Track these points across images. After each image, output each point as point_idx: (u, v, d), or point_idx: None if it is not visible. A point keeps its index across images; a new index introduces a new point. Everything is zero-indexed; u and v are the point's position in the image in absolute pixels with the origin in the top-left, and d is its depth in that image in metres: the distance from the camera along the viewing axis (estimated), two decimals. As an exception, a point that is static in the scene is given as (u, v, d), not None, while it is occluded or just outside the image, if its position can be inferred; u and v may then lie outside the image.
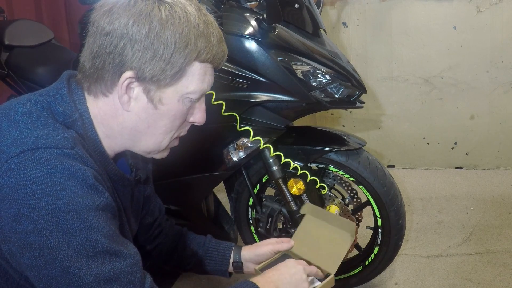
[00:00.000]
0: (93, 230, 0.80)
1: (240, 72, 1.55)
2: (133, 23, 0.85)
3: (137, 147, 0.96)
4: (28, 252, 0.79)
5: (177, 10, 0.87)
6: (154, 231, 1.26)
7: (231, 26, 1.54)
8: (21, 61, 2.06)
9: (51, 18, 2.88)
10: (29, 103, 0.88)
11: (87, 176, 0.81)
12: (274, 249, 1.22)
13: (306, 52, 1.56)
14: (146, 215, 1.22)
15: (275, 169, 1.67)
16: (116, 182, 0.97)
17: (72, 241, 0.79)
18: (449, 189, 2.75)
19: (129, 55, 0.86)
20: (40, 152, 0.79)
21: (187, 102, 0.93)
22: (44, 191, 0.77)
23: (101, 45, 0.87)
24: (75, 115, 0.89)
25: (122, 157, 1.05)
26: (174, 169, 1.68)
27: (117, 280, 0.82)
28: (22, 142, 0.80)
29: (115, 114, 0.92)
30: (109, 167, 0.95)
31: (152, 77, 0.87)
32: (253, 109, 1.61)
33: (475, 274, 1.98)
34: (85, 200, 0.80)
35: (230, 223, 1.93)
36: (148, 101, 0.90)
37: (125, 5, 0.86)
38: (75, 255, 0.79)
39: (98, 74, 0.89)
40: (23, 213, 0.77)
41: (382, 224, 1.75)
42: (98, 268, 0.80)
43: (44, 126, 0.84)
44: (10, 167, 0.78)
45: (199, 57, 0.89)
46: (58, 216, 0.78)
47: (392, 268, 2.02)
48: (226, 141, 1.66)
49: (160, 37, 0.85)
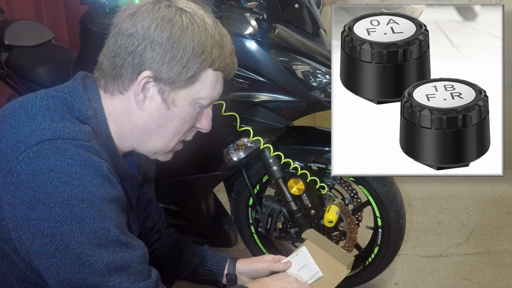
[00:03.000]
0: (106, 220, 0.83)
1: (240, 72, 1.55)
2: (155, 26, 0.90)
3: (145, 147, 0.99)
4: (39, 240, 0.81)
5: (196, 19, 0.92)
6: (153, 236, 1.26)
7: (231, 26, 1.54)
8: (21, 61, 2.06)
9: (51, 18, 2.88)
10: (46, 97, 0.91)
11: (102, 167, 0.85)
12: (270, 268, 1.22)
13: (306, 52, 1.56)
14: (146, 219, 1.22)
15: (275, 169, 1.66)
16: (125, 180, 1.00)
17: (85, 228, 0.81)
18: (449, 189, 2.75)
19: (149, 56, 0.90)
20: (58, 142, 0.82)
21: (198, 107, 0.97)
22: (61, 179, 0.80)
23: (122, 45, 0.91)
24: (90, 112, 0.92)
25: (129, 157, 1.07)
26: (174, 169, 1.67)
27: (127, 269, 0.85)
28: (41, 132, 0.83)
29: (129, 112, 0.95)
30: (119, 165, 0.97)
31: (168, 79, 0.92)
32: (253, 109, 1.61)
33: (475, 274, 1.98)
34: (100, 190, 0.83)
35: (230, 223, 1.93)
36: (162, 101, 0.94)
37: (149, 10, 0.92)
38: (87, 243, 0.81)
39: (117, 72, 0.93)
40: (39, 199, 0.80)
41: (382, 224, 1.75)
42: (109, 256, 0.83)
43: (61, 119, 0.87)
44: (28, 155, 0.81)
45: (213, 64, 0.94)
46: (73, 204, 0.81)
47: (392, 268, 2.02)
48: (226, 141, 1.66)
49: (180, 42, 0.90)
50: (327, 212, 1.69)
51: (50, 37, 2.24)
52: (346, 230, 1.76)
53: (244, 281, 1.24)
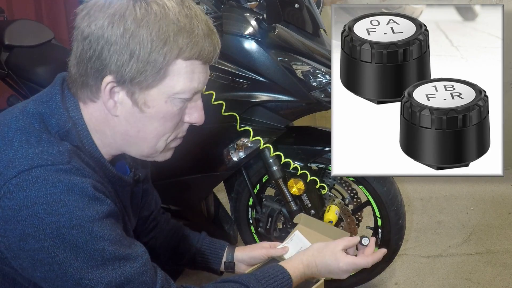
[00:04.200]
0: (99, 240, 0.81)
1: (240, 72, 1.55)
2: (108, 24, 0.82)
3: (132, 152, 0.95)
4: (40, 267, 0.80)
5: (153, 7, 0.82)
6: (150, 224, 1.26)
7: (231, 26, 1.54)
8: (21, 61, 2.05)
9: (51, 18, 2.88)
10: (22, 116, 0.87)
11: (86, 188, 0.81)
12: (268, 254, 1.22)
13: (306, 52, 1.56)
14: (143, 208, 1.21)
15: (275, 169, 1.67)
16: (115, 184, 0.97)
17: (80, 254, 0.80)
18: (449, 189, 2.75)
19: (107, 58, 0.83)
20: (37, 171, 0.79)
21: (177, 102, 0.88)
22: (46, 210, 0.78)
23: (82, 49, 0.85)
24: (68, 125, 0.87)
25: (122, 159, 1.04)
26: (174, 169, 1.68)
27: (129, 283, 0.83)
28: (18, 162, 0.80)
29: (106, 119, 0.89)
30: (107, 171, 0.94)
31: (132, 80, 0.83)
32: (253, 109, 1.61)
33: (475, 274, 1.98)
34: (88, 212, 0.80)
35: (230, 223, 1.93)
36: (133, 104, 0.86)
37: (101, 7, 0.83)
38: (84, 267, 0.80)
39: (83, 80, 0.87)
40: (29, 233, 0.78)
41: (382, 224, 1.75)
42: (109, 275, 0.81)
43: (38, 142, 0.83)
44: (9, 189, 0.78)
45: (182, 54, 0.84)
46: (63, 233, 0.78)
47: (392, 268, 2.02)
48: (226, 141, 1.66)
49: (135, 36, 0.81)
50: (327, 212, 1.69)
51: (50, 37, 2.23)
52: (346, 230, 1.76)
53: (242, 269, 1.24)
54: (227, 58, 1.54)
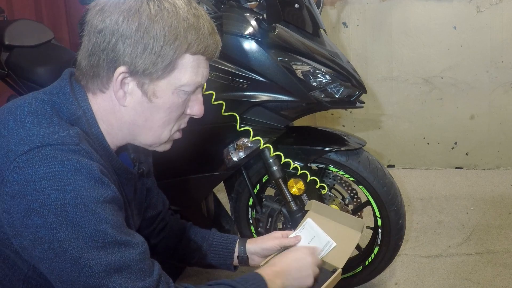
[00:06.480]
0: (101, 222, 0.83)
1: (240, 72, 1.55)
2: (123, 19, 0.88)
3: (137, 140, 0.99)
4: (39, 246, 0.81)
5: (165, 5, 0.90)
6: (158, 225, 1.27)
7: (231, 26, 1.54)
8: (21, 61, 2.06)
9: (51, 18, 2.88)
10: (34, 102, 0.91)
11: (93, 170, 0.84)
12: (280, 243, 1.22)
13: (306, 52, 1.56)
14: (148, 208, 1.23)
15: (275, 169, 1.67)
16: (120, 176, 1.00)
17: (81, 233, 0.81)
18: (449, 189, 2.75)
19: (121, 50, 0.89)
20: (47, 149, 0.82)
21: (182, 94, 0.94)
22: (53, 186, 0.80)
23: (95, 43, 0.90)
24: (79, 112, 0.92)
25: (124, 151, 1.07)
26: (174, 169, 1.68)
27: (127, 269, 0.85)
28: (29, 140, 0.83)
29: (113, 109, 0.94)
30: (113, 161, 0.97)
31: (144, 71, 0.90)
32: (253, 109, 1.61)
33: (475, 274, 1.98)
34: (92, 193, 0.83)
35: (230, 223, 1.93)
36: (142, 94, 0.92)
37: (116, 3, 0.90)
38: (84, 247, 0.81)
39: (94, 71, 0.92)
40: (33, 208, 0.80)
41: (382, 224, 1.75)
42: (107, 258, 0.83)
43: (49, 124, 0.87)
44: (18, 164, 0.81)
45: (190, 49, 0.91)
46: (67, 210, 0.80)
47: (392, 268, 2.02)
48: (226, 141, 1.66)
49: (150, 31, 0.88)
50: (327, 212, 1.69)
51: (50, 37, 2.24)
52: (346, 230, 1.76)
53: (256, 261, 1.25)
54: (227, 58, 1.54)
